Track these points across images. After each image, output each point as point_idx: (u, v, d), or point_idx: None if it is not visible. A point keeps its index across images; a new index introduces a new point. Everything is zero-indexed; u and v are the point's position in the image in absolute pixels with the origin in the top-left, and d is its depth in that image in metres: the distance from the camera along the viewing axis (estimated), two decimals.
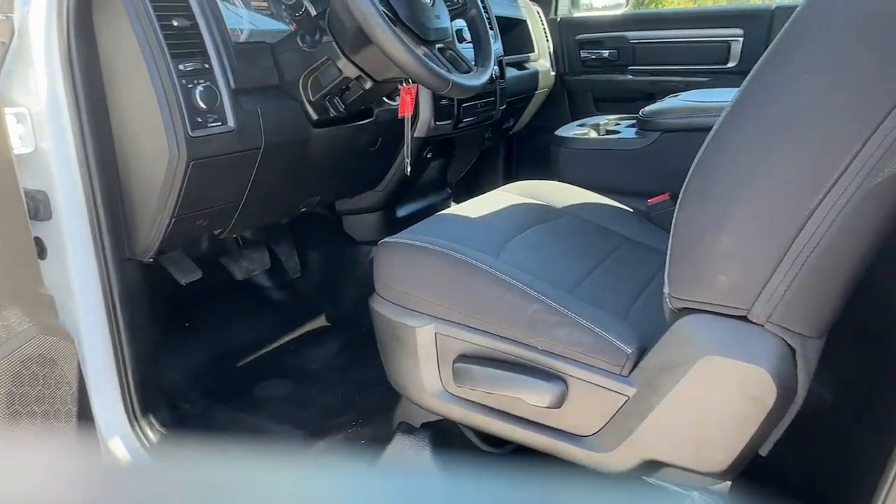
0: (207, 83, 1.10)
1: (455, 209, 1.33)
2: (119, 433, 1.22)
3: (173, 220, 1.15)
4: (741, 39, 2.09)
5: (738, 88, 0.81)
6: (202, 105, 1.09)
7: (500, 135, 2.21)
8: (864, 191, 0.73)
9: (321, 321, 1.87)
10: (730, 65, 2.13)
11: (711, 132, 0.83)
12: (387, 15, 1.11)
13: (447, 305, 1.06)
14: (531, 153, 2.48)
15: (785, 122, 0.76)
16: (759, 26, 2.06)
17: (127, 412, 1.22)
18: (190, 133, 1.08)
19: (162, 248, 1.20)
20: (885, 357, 1.18)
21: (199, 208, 1.19)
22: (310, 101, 1.27)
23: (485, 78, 1.30)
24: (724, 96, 1.59)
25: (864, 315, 1.00)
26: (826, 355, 0.88)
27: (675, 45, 2.21)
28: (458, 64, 1.29)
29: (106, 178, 1.10)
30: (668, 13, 2.92)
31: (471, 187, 2.31)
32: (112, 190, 1.12)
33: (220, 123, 1.12)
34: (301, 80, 1.25)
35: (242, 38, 1.27)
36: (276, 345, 1.75)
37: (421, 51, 1.19)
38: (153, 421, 1.27)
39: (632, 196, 1.49)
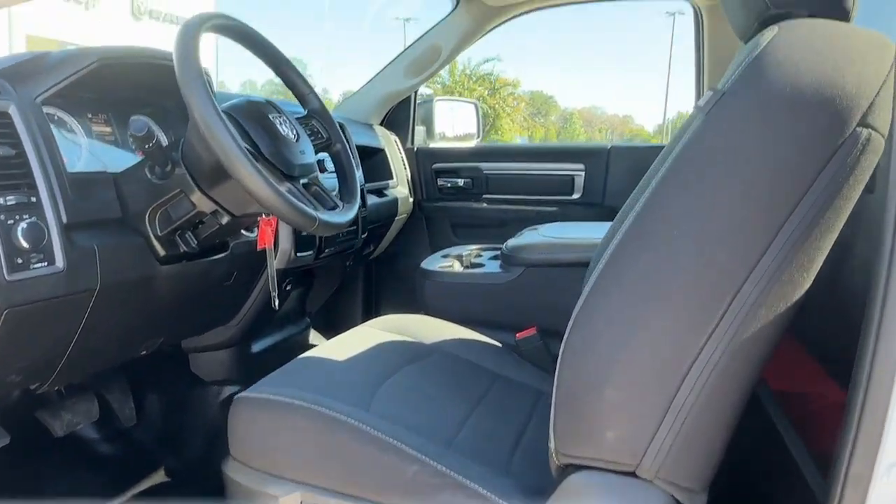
0: (33, 219, 0.96)
1: (319, 351, 1.23)
2: None
3: None
4: (583, 173, 2.27)
5: (595, 223, 0.82)
6: (24, 244, 0.94)
7: (359, 260, 2.17)
8: (735, 345, 0.76)
9: (160, 477, 1.63)
10: (574, 196, 2.29)
11: (589, 285, 0.83)
12: (249, 150, 1.04)
13: (315, 470, 0.95)
14: (391, 278, 2.46)
15: (658, 279, 0.78)
16: (598, 162, 2.25)
17: None
18: (6, 277, 0.91)
19: None
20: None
21: (13, 364, 1.00)
22: (157, 236, 1.15)
23: (351, 214, 1.25)
24: (582, 231, 1.67)
25: None
26: None
27: (524, 177, 2.35)
28: (323, 200, 1.24)
29: None
30: (518, 148, 3.14)
31: (331, 315, 2.22)
32: None
33: (45, 264, 0.97)
34: (147, 214, 1.13)
35: (79, 168, 1.14)
36: None
37: (285, 187, 1.13)
38: None
39: (499, 329, 1.48)
